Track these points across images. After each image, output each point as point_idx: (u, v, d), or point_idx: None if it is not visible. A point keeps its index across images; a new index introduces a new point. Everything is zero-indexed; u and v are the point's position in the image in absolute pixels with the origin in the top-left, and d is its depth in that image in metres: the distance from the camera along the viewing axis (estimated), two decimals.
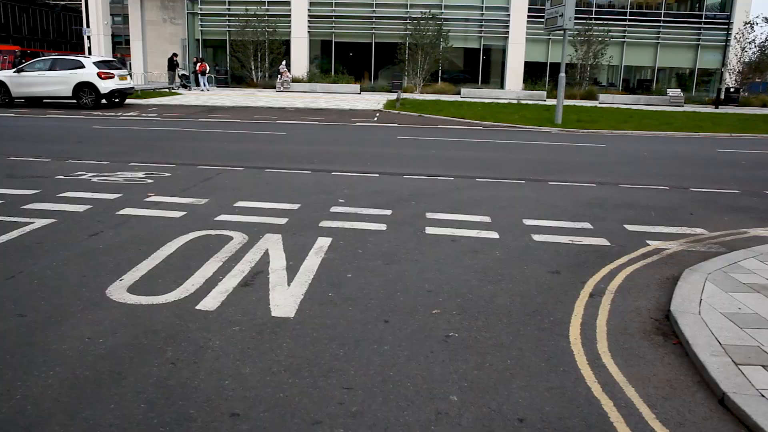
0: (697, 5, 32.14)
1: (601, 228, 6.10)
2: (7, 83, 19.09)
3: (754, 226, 6.43)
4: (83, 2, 28.66)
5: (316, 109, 20.41)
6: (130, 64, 36.81)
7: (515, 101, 25.90)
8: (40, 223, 5.64)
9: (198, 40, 32.34)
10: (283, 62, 29.97)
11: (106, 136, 12.92)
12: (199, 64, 29.33)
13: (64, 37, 50.28)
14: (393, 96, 24.99)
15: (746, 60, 30.90)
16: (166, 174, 8.30)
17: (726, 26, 30.79)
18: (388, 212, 6.39)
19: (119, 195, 6.88)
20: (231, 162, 9.45)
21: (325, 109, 20.27)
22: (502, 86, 31.62)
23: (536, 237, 5.68)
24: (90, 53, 26.24)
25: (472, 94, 28.39)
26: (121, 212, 6.13)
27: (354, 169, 9.13)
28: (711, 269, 4.73)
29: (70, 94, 19.02)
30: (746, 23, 30.26)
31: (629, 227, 6.18)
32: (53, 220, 5.74)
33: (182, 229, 5.54)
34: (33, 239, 5.17)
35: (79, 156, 9.72)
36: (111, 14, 35.42)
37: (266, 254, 4.90)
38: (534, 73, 31.71)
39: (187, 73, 29.78)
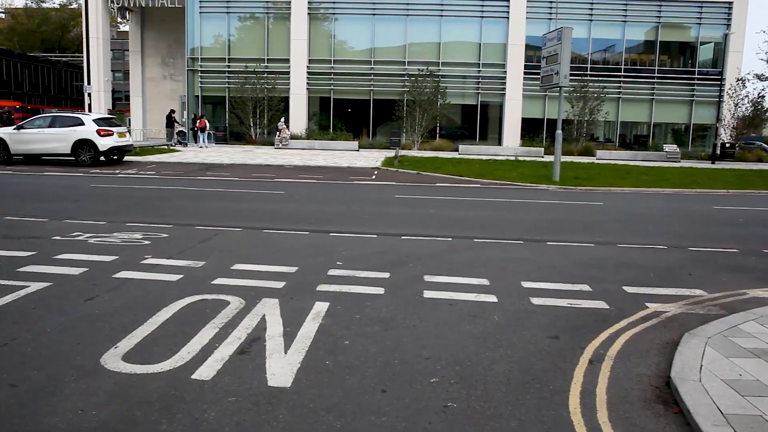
0: (690, 62, 32.91)
1: (599, 290, 6.08)
2: (6, 140, 19.31)
3: (754, 287, 6.41)
4: (85, 59, 29.28)
5: (314, 167, 20.62)
6: (130, 120, 37.50)
7: (513, 158, 26.22)
8: (35, 286, 5.62)
9: (197, 96, 32.95)
10: (282, 119, 30.51)
11: (103, 194, 13.00)
12: (198, 121, 29.83)
13: (65, 93, 51.23)
14: (391, 153, 25.31)
15: (740, 115, 31.46)
16: (164, 235, 8.31)
17: (719, 82, 31.45)
18: (386, 275, 6.37)
19: (116, 257, 6.88)
20: (229, 222, 9.48)
21: (324, 167, 20.48)
22: (499, 142, 32.05)
23: (535, 300, 5.65)
24: (90, 110, 26.68)
25: (470, 150, 28.74)
26: (118, 275, 6.11)
27: (352, 229, 9.15)
28: (711, 333, 4.68)
29: (69, 152, 19.20)
30: (738, 80, 30.96)
31: (628, 289, 6.15)
32: (49, 284, 5.72)
33: (179, 294, 5.51)
34: (28, 304, 5.14)
35: (77, 215, 9.76)
36: (112, 70, 36.23)
37: (263, 320, 4.86)
38: (531, 129, 32.21)
39: (185, 130, 30.22)
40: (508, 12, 31.42)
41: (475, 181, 17.32)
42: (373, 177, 17.96)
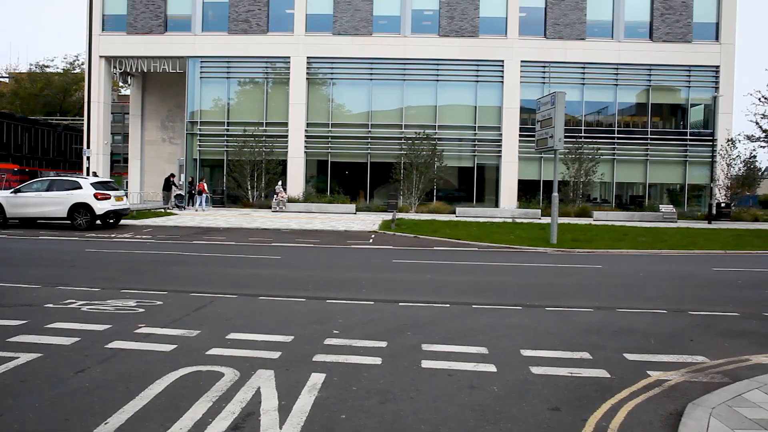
0: (681, 123, 33.53)
1: (600, 358, 5.98)
2: (3, 204, 19.39)
3: (756, 353, 6.31)
4: (85, 123, 29.75)
5: (311, 230, 20.65)
6: (127, 182, 37.79)
7: (510, 220, 26.32)
8: (25, 357, 5.52)
9: (196, 159, 33.34)
10: (279, 182, 30.79)
11: (98, 259, 12.95)
12: (198, 184, 30.12)
13: (64, 156, 51.80)
14: (388, 216, 25.40)
15: (733, 175, 31.83)
16: (158, 302, 8.23)
17: (710, 143, 31.97)
18: (383, 344, 6.27)
19: (109, 326, 6.78)
20: (224, 289, 9.41)
21: (321, 231, 20.50)
22: (496, 204, 32.27)
23: (534, 369, 5.54)
24: (88, 173, 26.95)
25: (467, 212, 28.88)
26: (110, 345, 6.01)
27: (349, 296, 9.08)
28: (715, 403, 4.58)
29: (65, 215, 19.25)
30: (728, 140, 31.49)
31: (629, 356, 6.06)
32: (39, 355, 5.62)
33: (172, 365, 5.41)
34: (16, 376, 5.03)
35: (71, 282, 9.69)
36: (111, 133, 36.78)
37: (258, 393, 4.75)
38: (528, 191, 32.49)
39: (182, 193, 30.43)
40: (503, 76, 32.24)
41: (473, 244, 17.31)
42: (370, 241, 17.96)
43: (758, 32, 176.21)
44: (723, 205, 30.54)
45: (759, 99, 32.85)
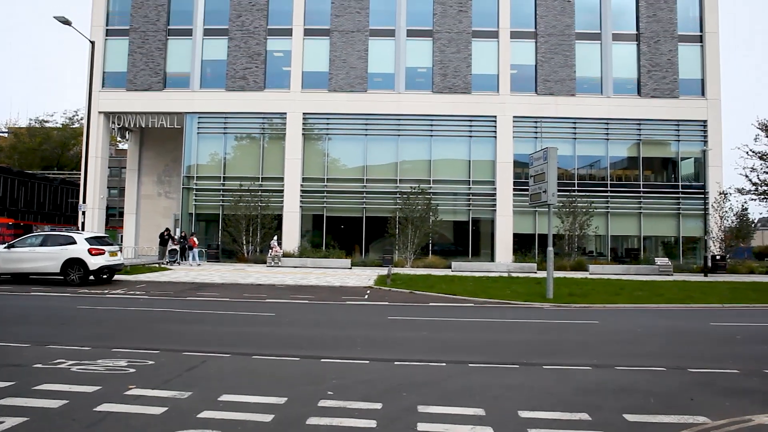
0: (673, 176, 33.87)
1: (599, 419, 5.85)
2: None
3: (759, 412, 6.19)
4: (82, 178, 29.85)
5: (306, 286, 20.51)
6: (122, 236, 37.69)
7: (506, 274, 26.24)
8: (10, 422, 5.37)
9: (191, 214, 33.39)
10: (275, 237, 30.76)
11: (90, 317, 12.78)
12: (189, 239, 30.09)
13: (60, 210, 51.82)
14: (384, 270, 25.31)
15: (726, 227, 31.99)
16: (150, 362, 8.08)
17: (702, 196, 32.25)
18: (378, 406, 6.14)
19: (98, 387, 6.63)
20: (217, 347, 9.26)
21: (316, 287, 20.36)
22: (492, 258, 32.23)
23: None
24: (83, 228, 26.92)
25: (462, 267, 28.79)
26: (99, 408, 5.86)
27: (343, 355, 8.94)
28: None
29: (58, 271, 19.10)
30: (720, 194, 31.79)
31: (629, 417, 5.93)
32: (25, 419, 5.47)
33: (162, 429, 5.26)
34: None
35: (61, 340, 9.53)
36: (108, 187, 36.86)
37: None
38: (523, 244, 32.52)
39: (176, 248, 30.35)
40: (496, 131, 32.74)
41: (469, 300, 17.19)
42: (366, 297, 17.82)
43: (744, 87, 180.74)
44: (718, 257, 30.59)
45: (746, 153, 33.42)
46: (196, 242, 30.44)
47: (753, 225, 34.81)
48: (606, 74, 33.31)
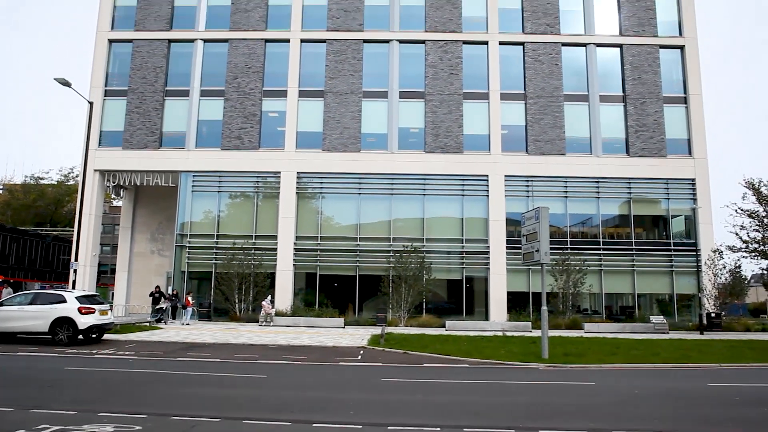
0: (665, 234, 34.07)
1: None
2: None
3: None
4: (75, 235, 29.73)
5: (298, 346, 20.23)
6: (113, 294, 37.29)
7: (500, 333, 26.00)
8: None
9: (184, 272, 33.18)
10: (268, 297, 30.50)
11: (78, 378, 12.52)
12: (184, 298, 29.83)
13: (51, 267, 51.39)
14: (378, 330, 25.04)
15: (720, 285, 31.97)
16: (137, 427, 7.88)
17: (694, 253, 32.41)
18: None
19: None
20: (208, 411, 9.07)
21: (308, 347, 20.09)
22: (486, 316, 32.01)
23: None
24: (74, 285, 26.72)
25: (457, 326, 28.52)
26: None
27: (336, 419, 8.76)
28: None
29: (47, 330, 18.82)
30: (714, 251, 31.91)
31: None
32: None
33: None
34: None
35: (46, 404, 9.33)
36: (100, 244, 36.73)
37: None
38: (518, 303, 32.35)
39: (164, 306, 30.05)
40: (488, 190, 33.07)
41: (463, 360, 16.97)
42: (359, 357, 17.58)
43: (730, 145, 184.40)
44: (713, 315, 30.46)
45: (735, 210, 33.74)
46: (191, 301, 30.13)
47: (746, 282, 34.81)
48: (595, 134, 33.96)
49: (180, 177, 33.77)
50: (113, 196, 41.12)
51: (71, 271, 27.23)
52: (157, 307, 29.97)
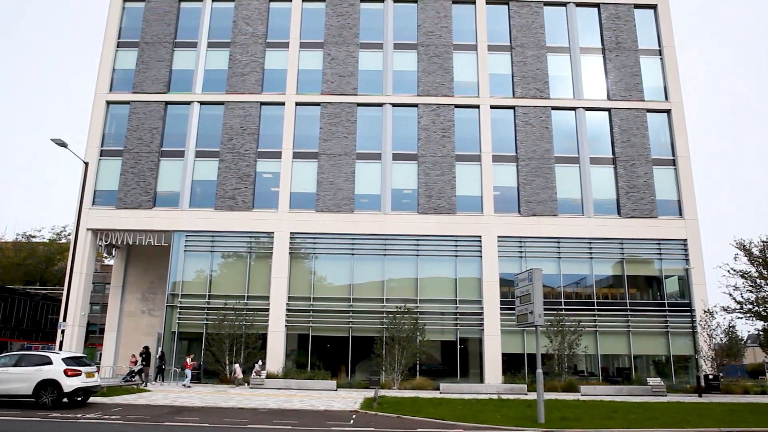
0: (658, 294, 33.97)
1: None
2: None
3: None
4: (65, 295, 29.37)
5: (289, 410, 19.75)
6: (101, 355, 36.57)
7: (495, 396, 25.53)
8: None
9: (174, 332, 32.70)
10: (259, 361, 30.04)
11: None
12: (186, 361, 29.38)
13: (38, 326, 50.54)
14: (370, 393, 24.56)
15: (716, 345, 31.71)
16: None
17: (689, 313, 32.30)
18: None
19: None
20: None
21: (300, 411, 19.61)
22: (481, 378, 31.52)
23: None
24: (61, 346, 26.24)
25: (451, 389, 28.02)
26: None
27: None
28: None
29: (30, 393, 18.31)
30: (705, 311, 31.81)
31: None
32: None
33: None
34: None
35: None
36: (90, 303, 36.26)
37: None
38: (513, 364, 31.93)
39: (136, 370, 29.56)
40: (481, 251, 33.14)
41: (458, 425, 16.57)
42: (351, 422, 17.15)
43: (721, 206, 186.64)
44: (711, 377, 30.09)
45: (728, 271, 33.85)
46: (192, 363, 29.60)
47: (743, 342, 34.57)
48: (586, 196, 34.34)
49: (173, 237, 33.74)
50: (105, 255, 40.96)
51: (59, 331, 26.80)
52: (131, 369, 29.51)
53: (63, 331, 30.61)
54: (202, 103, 35.75)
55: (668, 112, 35.89)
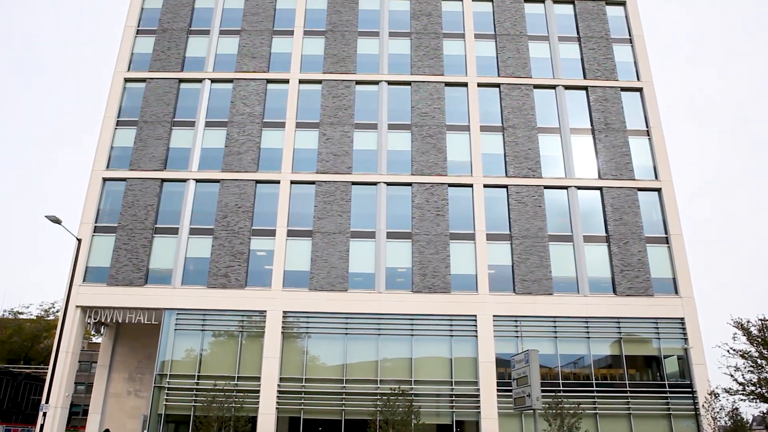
0: (658, 375, 33.30)
1: None
2: None
3: None
4: (49, 375, 28.57)
5: None
6: None
7: None
8: None
9: (160, 414, 31.62)
10: None
11: None
12: None
13: (19, 408, 48.92)
14: None
15: (721, 427, 30.82)
16: None
17: (691, 394, 31.60)
18: None
19: None
20: None
21: None
22: None
23: None
24: (41, 430, 25.30)
25: None
26: None
27: None
28: None
29: None
30: (709, 394, 31.08)
31: None
32: None
33: None
34: None
35: None
36: (75, 382, 35.25)
37: None
38: None
39: None
40: (476, 331, 32.65)
41: None
42: None
43: (719, 283, 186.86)
44: None
45: (728, 351, 33.37)
46: None
47: (749, 424, 33.63)
48: (581, 274, 34.25)
49: (163, 315, 33.21)
50: (93, 333, 40.18)
51: (40, 414, 25.93)
52: None
53: (45, 414, 29.63)
54: (197, 180, 36.06)
55: (659, 190, 36.35)
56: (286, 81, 38.66)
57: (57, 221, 25.16)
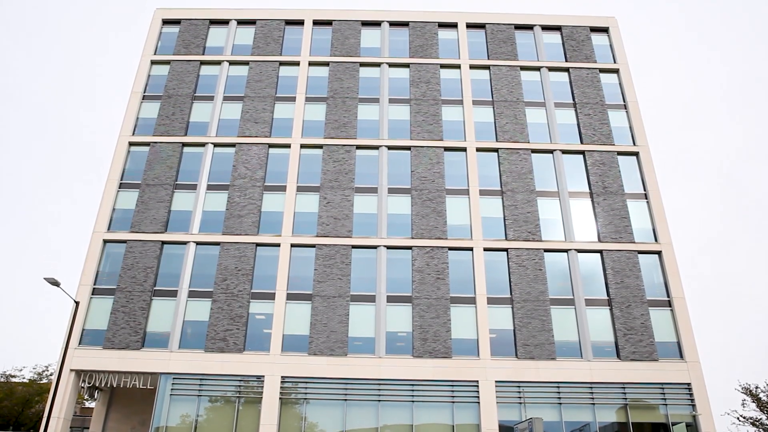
0: None
1: None
2: None
3: None
4: (43, 424, 27.83)
5: None
6: None
7: None
8: None
9: None
10: None
11: None
12: None
13: None
14: None
15: None
16: None
17: None
18: None
19: None
20: None
21: None
22: None
23: None
24: None
25: None
26: None
27: None
28: None
29: None
30: None
31: None
32: None
33: None
34: None
35: None
36: (70, 427, 34.28)
37: None
38: None
39: None
40: (478, 396, 31.99)
41: None
42: None
43: (724, 347, 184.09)
44: None
45: (737, 419, 32.66)
46: None
47: None
48: (584, 338, 33.83)
49: (159, 379, 32.61)
50: (87, 397, 39.40)
51: None
52: None
53: None
54: (198, 243, 36.11)
55: (659, 253, 36.34)
56: (288, 146, 39.32)
57: (56, 283, 25.05)
